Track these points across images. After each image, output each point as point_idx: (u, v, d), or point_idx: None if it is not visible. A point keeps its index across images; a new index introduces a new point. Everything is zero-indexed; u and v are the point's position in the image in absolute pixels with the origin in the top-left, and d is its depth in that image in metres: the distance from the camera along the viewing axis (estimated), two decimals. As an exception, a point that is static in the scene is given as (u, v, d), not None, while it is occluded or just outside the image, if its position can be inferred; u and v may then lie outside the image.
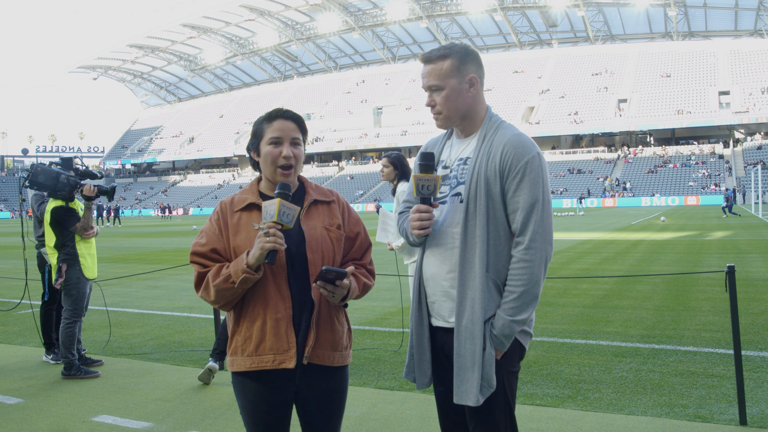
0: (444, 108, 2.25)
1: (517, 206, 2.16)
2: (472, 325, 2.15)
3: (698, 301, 7.91)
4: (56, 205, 5.24)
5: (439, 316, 2.28)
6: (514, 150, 2.17)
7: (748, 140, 59.36)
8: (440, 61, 2.24)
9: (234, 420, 4.06)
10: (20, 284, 9.50)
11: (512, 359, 2.24)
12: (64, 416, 4.25)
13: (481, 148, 2.23)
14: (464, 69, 2.24)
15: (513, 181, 2.16)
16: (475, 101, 2.28)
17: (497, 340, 2.16)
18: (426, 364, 2.31)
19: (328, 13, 79.08)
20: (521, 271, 2.15)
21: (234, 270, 2.06)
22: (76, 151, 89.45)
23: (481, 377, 2.13)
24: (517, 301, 2.15)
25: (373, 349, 5.85)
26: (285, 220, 2.01)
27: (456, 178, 2.27)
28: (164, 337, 6.71)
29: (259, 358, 2.12)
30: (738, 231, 20.56)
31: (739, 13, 69.08)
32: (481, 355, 2.13)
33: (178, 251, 17.69)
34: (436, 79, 2.24)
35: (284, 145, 2.17)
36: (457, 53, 2.25)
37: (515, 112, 67.74)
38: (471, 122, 2.30)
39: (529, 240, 2.14)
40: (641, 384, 4.59)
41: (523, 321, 2.17)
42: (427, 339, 2.31)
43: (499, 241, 2.19)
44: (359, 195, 65.29)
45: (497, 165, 2.17)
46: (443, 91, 2.23)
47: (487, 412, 2.18)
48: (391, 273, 8.42)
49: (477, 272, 2.16)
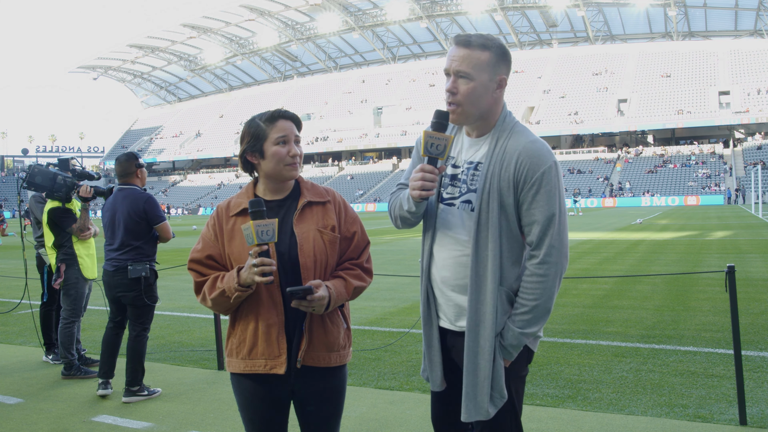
0: (465, 100, 2.09)
1: (533, 219, 2.07)
2: (484, 342, 2.10)
3: (698, 301, 7.91)
4: (53, 206, 5.24)
5: (446, 318, 2.25)
6: (529, 160, 2.06)
7: (748, 140, 59.35)
8: (479, 50, 2.07)
9: (234, 420, 4.06)
10: (20, 284, 9.50)
11: (520, 364, 2.21)
12: (64, 416, 4.25)
13: (494, 154, 2.11)
14: (498, 67, 2.12)
15: (528, 192, 2.06)
16: (496, 103, 2.16)
17: (506, 351, 2.13)
18: (437, 365, 2.27)
19: (328, 13, 79.07)
20: (534, 285, 2.08)
21: (227, 286, 2.08)
22: (76, 151, 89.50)
23: (491, 388, 2.10)
24: (529, 314, 2.09)
25: (373, 350, 5.84)
26: (266, 239, 2.00)
27: (466, 184, 2.17)
28: (164, 337, 6.71)
29: (252, 361, 2.14)
30: (738, 231, 20.55)
31: (739, 13, 69.07)
32: (491, 369, 2.09)
33: (178, 251, 17.68)
34: (469, 66, 2.07)
35: (290, 143, 2.19)
36: (497, 49, 2.10)
37: (515, 112, 67.64)
38: (486, 123, 2.18)
39: (544, 255, 2.06)
40: (641, 384, 4.58)
41: (533, 334, 2.13)
42: (437, 339, 2.27)
43: (512, 253, 2.13)
44: (359, 195, 65.26)
45: (511, 175, 2.07)
46: (472, 83, 2.07)
47: (494, 419, 2.14)
48: (391, 273, 8.42)
49: (489, 287, 2.09)
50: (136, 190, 4.71)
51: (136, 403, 4.50)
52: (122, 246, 4.57)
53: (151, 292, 4.66)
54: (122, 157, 4.78)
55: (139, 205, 4.58)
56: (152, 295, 4.68)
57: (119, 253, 4.58)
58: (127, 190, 4.68)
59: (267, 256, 2.02)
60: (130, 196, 4.63)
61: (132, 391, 4.54)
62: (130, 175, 4.73)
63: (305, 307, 2.07)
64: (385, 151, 74.70)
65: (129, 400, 4.52)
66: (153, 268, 4.71)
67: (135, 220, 4.58)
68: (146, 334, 4.68)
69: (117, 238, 4.60)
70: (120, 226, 4.58)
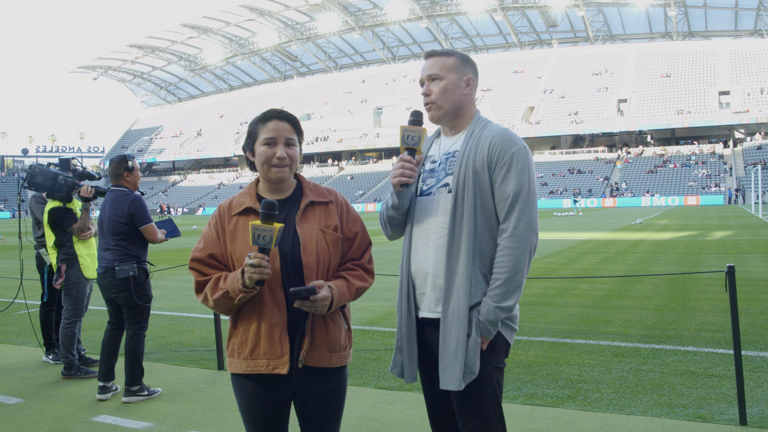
0: (439, 98, 2.33)
1: (504, 195, 2.22)
2: (458, 311, 2.19)
3: (698, 301, 7.91)
4: (54, 206, 5.26)
5: (427, 308, 2.31)
6: (501, 142, 2.25)
7: (748, 140, 59.35)
8: (444, 56, 2.37)
9: (234, 420, 4.06)
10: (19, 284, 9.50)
11: (498, 355, 2.28)
12: (64, 416, 4.25)
13: (469, 141, 2.31)
14: (464, 69, 2.38)
15: (500, 171, 2.23)
16: (468, 101, 2.38)
17: (483, 327, 2.20)
18: (414, 358, 2.34)
19: (328, 13, 79.07)
20: (506, 258, 2.20)
21: (231, 288, 2.08)
22: (76, 151, 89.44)
23: (464, 363, 2.16)
24: (502, 287, 2.19)
25: (373, 350, 5.85)
26: (261, 243, 2.00)
27: (444, 170, 2.33)
28: (164, 337, 6.71)
29: (254, 362, 2.14)
30: (738, 231, 20.56)
31: (739, 13, 69.08)
32: (465, 342, 2.17)
33: (178, 251, 17.68)
34: (438, 69, 2.34)
35: (278, 145, 2.17)
36: (460, 55, 2.39)
37: (515, 112, 67.73)
38: (461, 120, 2.39)
39: (513, 228, 2.19)
40: (641, 384, 4.58)
41: (508, 308, 2.21)
42: (415, 332, 2.33)
43: (486, 230, 2.24)
44: (359, 195, 65.25)
45: (485, 156, 2.25)
46: (442, 82, 2.33)
47: (476, 406, 2.21)
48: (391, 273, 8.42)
49: (462, 259, 2.21)
50: (124, 191, 4.78)
51: (137, 403, 4.50)
52: (110, 247, 4.65)
53: (142, 292, 4.68)
54: (114, 159, 4.86)
55: (123, 206, 4.66)
56: (144, 294, 4.70)
57: (108, 253, 4.66)
58: (116, 192, 4.77)
59: (267, 258, 2.02)
60: (118, 198, 4.72)
61: (132, 391, 4.55)
62: (119, 177, 4.81)
63: (308, 308, 2.08)
64: (385, 151, 74.69)
65: (129, 400, 4.53)
66: (143, 267, 4.74)
67: (120, 221, 4.65)
68: (143, 333, 4.70)
69: (105, 239, 4.68)
70: (107, 227, 4.66)
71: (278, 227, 2.01)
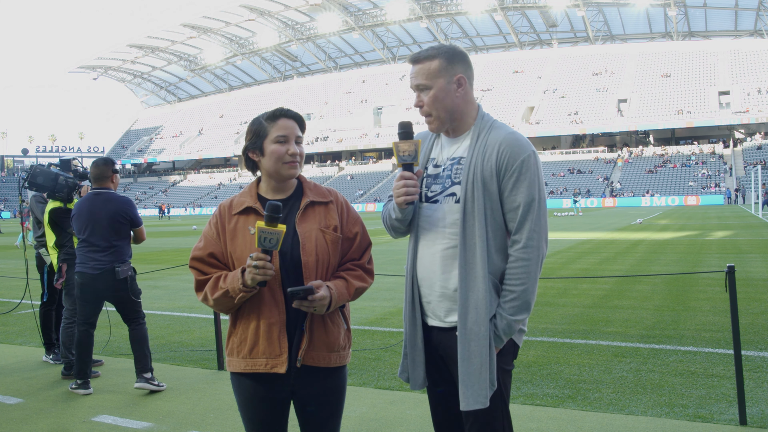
0: (432, 109, 2.23)
1: (514, 204, 2.16)
2: (478, 327, 2.13)
3: (698, 301, 7.91)
4: (54, 206, 5.29)
5: (435, 316, 2.27)
6: (510, 149, 2.17)
7: (748, 140, 59.36)
8: (428, 61, 2.23)
9: (234, 420, 4.06)
10: (20, 284, 9.51)
11: (507, 357, 2.25)
12: (64, 416, 4.25)
13: (476, 147, 2.22)
14: (452, 69, 2.23)
15: (510, 179, 2.16)
16: (464, 101, 2.26)
17: (498, 339, 2.18)
18: (420, 364, 2.30)
19: (328, 13, 79.08)
20: (520, 270, 2.15)
21: (231, 287, 2.08)
22: (76, 151, 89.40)
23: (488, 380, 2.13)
24: (518, 300, 2.15)
25: (373, 350, 5.85)
26: (267, 246, 2.00)
27: (450, 178, 2.24)
28: (164, 337, 6.72)
29: (252, 361, 2.15)
30: (738, 231, 20.56)
31: (739, 13, 69.08)
32: (488, 356, 2.13)
33: (178, 251, 17.69)
34: (424, 78, 2.23)
35: (290, 143, 2.19)
36: (445, 53, 2.24)
37: (515, 112, 67.74)
38: (461, 122, 2.28)
39: (526, 238, 2.15)
40: (641, 384, 4.58)
41: (522, 320, 2.20)
42: (421, 339, 2.30)
43: (496, 242, 2.19)
44: (359, 195, 65.26)
45: (493, 164, 2.17)
46: (431, 91, 2.22)
47: (485, 411, 2.17)
48: (391, 273, 8.42)
49: (479, 273, 2.15)
50: (115, 193, 4.90)
51: (136, 403, 4.50)
52: (107, 248, 4.72)
53: (135, 288, 4.89)
54: (99, 162, 4.93)
55: (123, 208, 4.79)
56: (135, 289, 4.90)
57: (103, 254, 4.71)
58: (107, 194, 4.84)
59: (270, 259, 2.03)
60: (114, 200, 4.81)
61: (146, 378, 4.68)
62: (106, 179, 4.89)
63: (306, 308, 2.08)
64: (385, 151, 74.70)
65: (141, 386, 4.67)
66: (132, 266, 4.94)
67: (122, 222, 4.78)
68: (144, 321, 4.90)
69: (100, 240, 4.71)
70: (105, 229, 4.72)
71: (284, 230, 2.02)
